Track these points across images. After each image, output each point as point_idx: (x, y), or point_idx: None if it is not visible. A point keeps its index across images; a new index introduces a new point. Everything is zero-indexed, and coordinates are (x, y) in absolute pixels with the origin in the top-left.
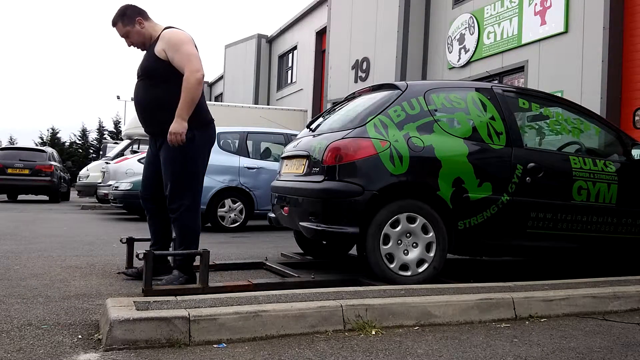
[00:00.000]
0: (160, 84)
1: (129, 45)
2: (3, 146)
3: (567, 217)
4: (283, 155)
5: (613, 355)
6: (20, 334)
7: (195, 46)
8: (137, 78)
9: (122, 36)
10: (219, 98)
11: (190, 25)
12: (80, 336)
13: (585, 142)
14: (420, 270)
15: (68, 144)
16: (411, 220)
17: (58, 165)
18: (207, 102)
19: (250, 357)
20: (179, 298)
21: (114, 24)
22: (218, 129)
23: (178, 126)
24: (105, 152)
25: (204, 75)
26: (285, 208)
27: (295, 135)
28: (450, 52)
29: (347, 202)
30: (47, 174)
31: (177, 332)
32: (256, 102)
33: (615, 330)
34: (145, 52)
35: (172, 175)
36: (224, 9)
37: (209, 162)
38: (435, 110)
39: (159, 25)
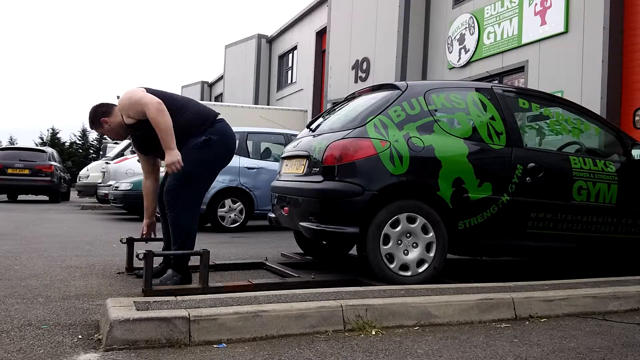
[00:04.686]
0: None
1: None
2: (3, 146)
3: (567, 217)
4: (283, 156)
5: (613, 355)
6: (20, 334)
7: (142, 89)
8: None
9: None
10: (219, 98)
11: (190, 25)
12: (80, 336)
13: (585, 142)
14: (421, 270)
15: (68, 144)
16: (411, 220)
17: (58, 165)
18: (207, 103)
19: (250, 357)
20: (179, 298)
21: (91, 129)
22: None
23: (170, 157)
24: (105, 152)
25: (158, 102)
26: (285, 208)
27: (295, 135)
28: (450, 52)
29: (347, 202)
30: (47, 174)
31: (177, 332)
32: (256, 102)
33: (615, 331)
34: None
35: (179, 171)
36: (224, 9)
37: None
38: (436, 111)
39: (117, 107)
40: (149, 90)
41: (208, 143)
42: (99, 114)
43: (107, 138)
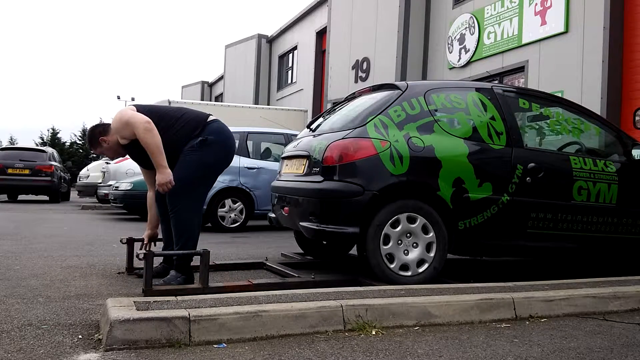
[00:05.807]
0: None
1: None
2: (3, 146)
3: (567, 217)
4: (283, 156)
5: (613, 355)
6: (20, 334)
7: (132, 108)
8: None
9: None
10: (219, 98)
11: (190, 25)
12: (80, 336)
13: (585, 142)
14: (421, 270)
15: (68, 144)
16: (411, 220)
17: (58, 165)
18: (207, 103)
19: (250, 357)
20: (179, 298)
21: (90, 149)
22: None
23: (162, 177)
24: None
25: (146, 121)
26: (286, 208)
27: (296, 135)
28: (450, 52)
29: (347, 202)
30: (47, 174)
31: (177, 332)
32: (256, 102)
33: (615, 331)
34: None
35: (179, 172)
36: (224, 9)
37: None
38: (436, 111)
39: (112, 126)
40: (139, 108)
41: (204, 144)
42: (97, 134)
43: (106, 157)
